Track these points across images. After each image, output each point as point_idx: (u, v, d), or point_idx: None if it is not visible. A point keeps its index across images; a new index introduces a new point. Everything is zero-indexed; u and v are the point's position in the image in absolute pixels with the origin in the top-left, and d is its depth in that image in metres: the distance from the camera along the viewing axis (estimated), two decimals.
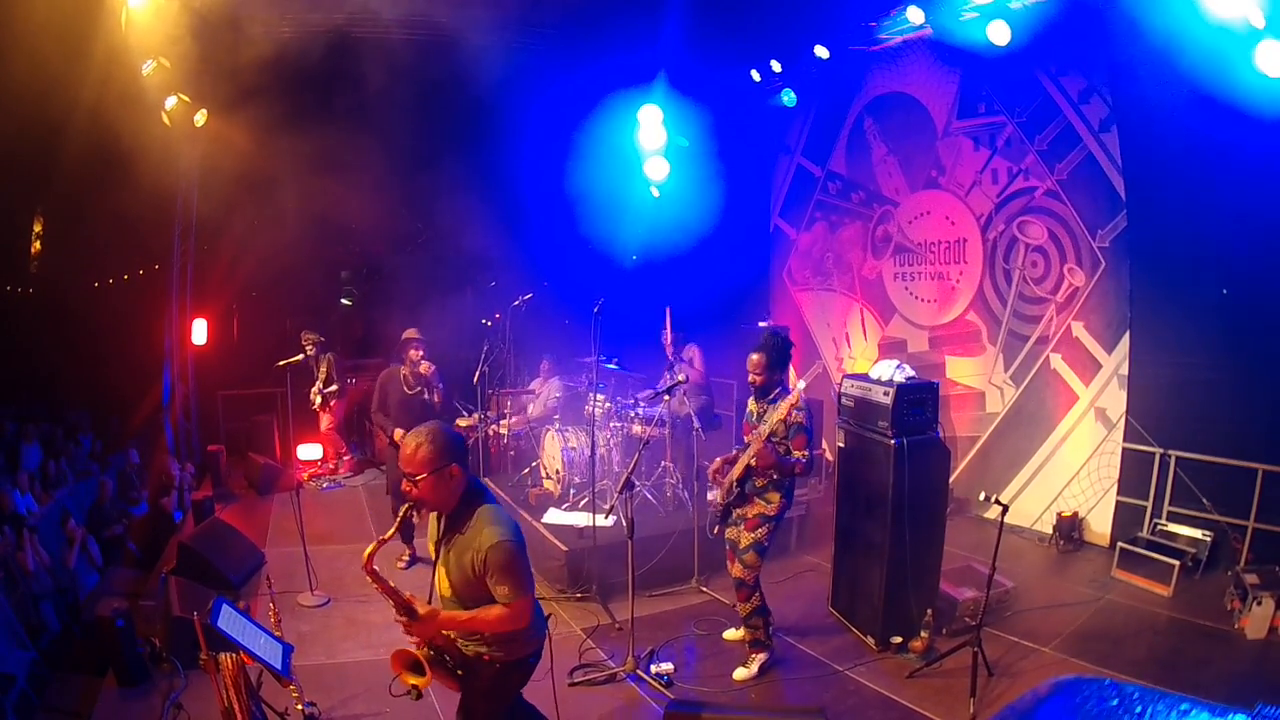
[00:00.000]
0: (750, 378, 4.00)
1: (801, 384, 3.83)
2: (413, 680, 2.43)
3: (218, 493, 7.22)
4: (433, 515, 2.57)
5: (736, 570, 4.02)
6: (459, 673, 2.54)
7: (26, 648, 4.36)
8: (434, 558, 2.56)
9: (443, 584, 2.52)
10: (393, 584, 2.46)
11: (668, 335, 6.20)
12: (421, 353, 5.66)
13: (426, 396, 5.67)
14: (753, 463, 3.84)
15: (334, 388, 8.09)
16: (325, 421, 8.28)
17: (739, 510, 4.07)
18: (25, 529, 5.19)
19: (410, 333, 5.80)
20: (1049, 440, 6.21)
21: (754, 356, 3.97)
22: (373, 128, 7.75)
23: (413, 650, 2.45)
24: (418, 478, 2.36)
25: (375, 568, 2.45)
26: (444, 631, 2.50)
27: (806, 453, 3.81)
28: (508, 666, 2.53)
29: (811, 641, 4.44)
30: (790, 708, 3.80)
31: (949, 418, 6.67)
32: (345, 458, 8.36)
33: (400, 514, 2.57)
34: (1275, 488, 4.85)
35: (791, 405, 3.74)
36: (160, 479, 7.31)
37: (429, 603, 2.51)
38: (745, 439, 4.08)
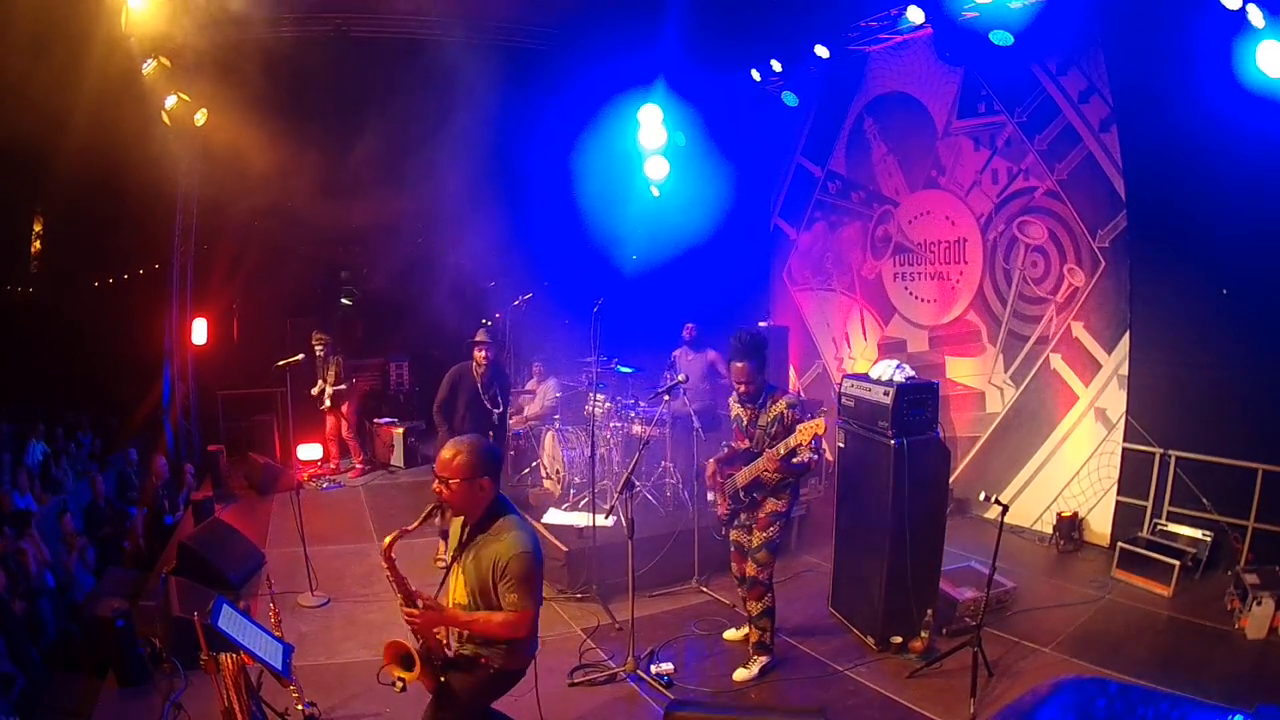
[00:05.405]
0: (740, 389, 3.89)
1: (807, 411, 3.75)
2: (400, 673, 2.53)
3: (218, 493, 7.20)
4: (456, 523, 2.70)
5: (750, 569, 4.02)
6: (442, 677, 2.61)
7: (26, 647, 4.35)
8: (448, 562, 2.71)
9: (458, 588, 2.63)
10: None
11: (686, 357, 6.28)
12: (485, 354, 5.44)
13: (489, 405, 5.36)
14: (765, 476, 3.83)
15: (343, 386, 8.09)
16: (338, 424, 8.21)
17: (747, 513, 4.06)
18: (23, 528, 5.17)
19: (479, 334, 5.62)
20: (1049, 440, 6.21)
21: (739, 365, 3.82)
22: (373, 128, 7.75)
23: (406, 644, 2.53)
24: (450, 481, 2.51)
25: (394, 557, 2.59)
26: (442, 628, 2.62)
27: (811, 450, 3.80)
28: (498, 675, 2.63)
29: (812, 642, 4.44)
30: (790, 708, 3.80)
31: (949, 418, 6.67)
32: (356, 464, 8.26)
33: (425, 511, 2.66)
34: (1275, 488, 4.85)
35: (814, 432, 3.59)
36: (152, 479, 7.27)
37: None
38: (736, 444, 4.07)
